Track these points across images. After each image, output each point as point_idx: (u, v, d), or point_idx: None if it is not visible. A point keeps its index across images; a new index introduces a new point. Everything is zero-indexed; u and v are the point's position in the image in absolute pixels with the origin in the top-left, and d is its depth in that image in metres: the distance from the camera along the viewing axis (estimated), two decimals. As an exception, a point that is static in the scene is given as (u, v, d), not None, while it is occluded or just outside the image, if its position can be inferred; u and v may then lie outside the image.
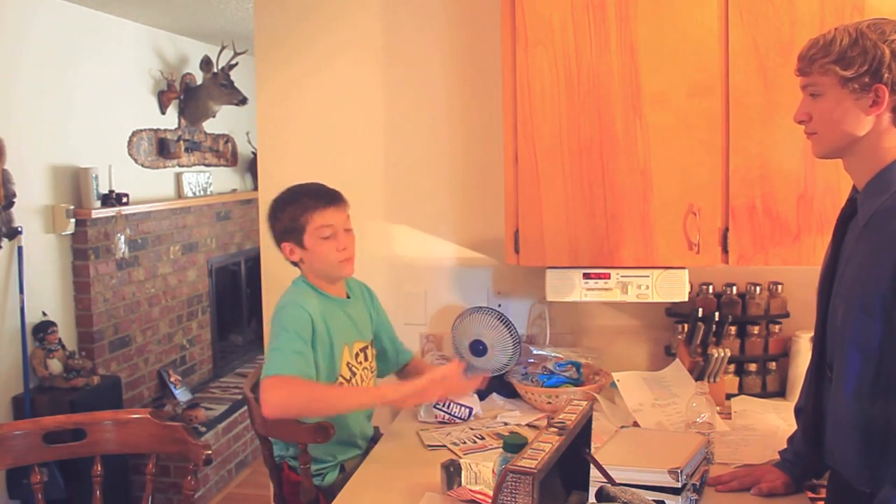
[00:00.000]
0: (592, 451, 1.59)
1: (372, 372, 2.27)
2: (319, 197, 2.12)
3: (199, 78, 5.08)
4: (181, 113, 5.05)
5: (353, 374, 2.17)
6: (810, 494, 1.79)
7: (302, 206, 2.10)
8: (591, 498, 1.48)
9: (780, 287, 2.50)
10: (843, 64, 1.43)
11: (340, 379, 2.13)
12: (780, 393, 2.47)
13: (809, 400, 1.61)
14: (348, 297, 2.24)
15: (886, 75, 1.40)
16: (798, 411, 1.77)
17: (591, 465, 1.49)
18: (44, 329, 3.76)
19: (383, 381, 2.36)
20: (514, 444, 1.55)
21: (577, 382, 2.38)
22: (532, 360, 2.50)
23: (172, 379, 4.74)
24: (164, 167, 4.88)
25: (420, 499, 1.78)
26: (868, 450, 1.44)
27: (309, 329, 2.04)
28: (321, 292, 2.15)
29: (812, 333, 2.37)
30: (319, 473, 2.16)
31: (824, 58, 1.45)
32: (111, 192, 4.19)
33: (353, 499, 1.84)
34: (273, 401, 1.91)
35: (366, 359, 2.23)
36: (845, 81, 1.43)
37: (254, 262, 5.50)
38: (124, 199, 4.25)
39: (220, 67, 4.98)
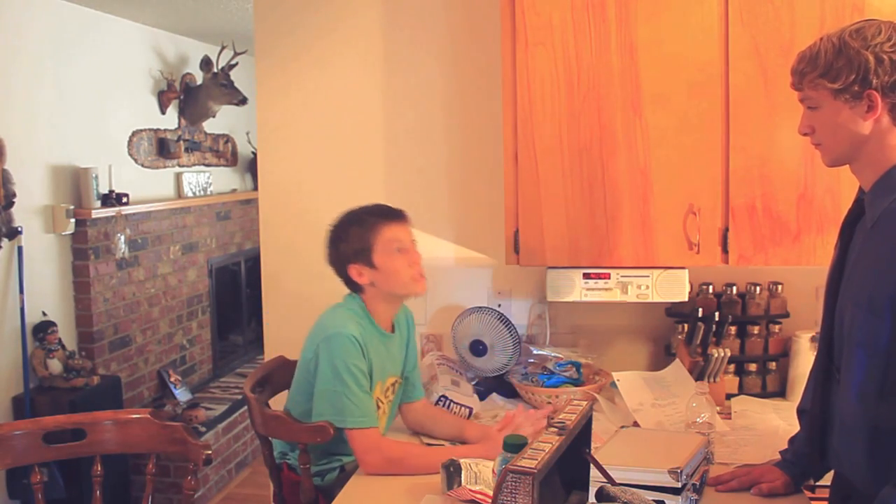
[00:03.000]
0: (592, 451, 1.58)
1: (391, 405, 2.21)
2: (383, 214, 2.09)
3: (199, 78, 5.08)
4: (181, 113, 5.05)
5: (379, 407, 2.12)
6: (809, 495, 1.78)
7: (368, 224, 2.06)
8: (591, 498, 1.48)
9: (780, 287, 2.50)
10: (830, 77, 1.43)
11: None
12: (780, 393, 2.47)
13: (816, 402, 1.60)
14: (393, 330, 2.18)
15: (875, 81, 1.40)
16: (801, 412, 1.77)
17: (591, 465, 1.49)
18: (44, 329, 3.76)
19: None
20: (514, 444, 1.54)
21: (577, 382, 2.38)
22: (532, 360, 2.50)
23: (172, 379, 4.74)
24: (164, 167, 4.88)
25: (420, 499, 1.78)
26: (875, 452, 1.43)
27: (362, 361, 2.00)
28: (371, 321, 2.09)
29: (812, 333, 2.39)
30: (320, 473, 2.16)
31: (812, 72, 1.46)
32: (111, 192, 4.19)
33: (353, 499, 1.84)
34: (372, 465, 1.96)
35: (393, 393, 2.20)
36: (836, 93, 1.44)
37: (254, 262, 5.50)
38: (124, 199, 4.25)
39: (220, 67, 4.98)
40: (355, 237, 2.06)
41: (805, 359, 2.35)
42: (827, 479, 1.69)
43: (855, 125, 1.45)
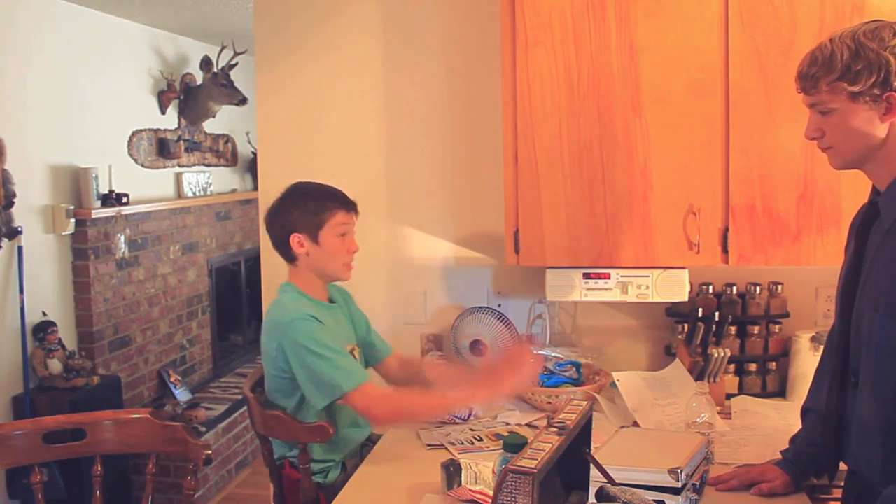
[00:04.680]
0: (592, 451, 1.58)
1: None
2: (341, 199, 2.19)
3: (199, 78, 5.08)
4: (181, 113, 5.05)
5: None
6: (821, 495, 1.78)
7: (326, 203, 2.17)
8: (591, 498, 1.48)
9: (780, 287, 2.50)
10: (849, 79, 1.40)
11: None
12: (780, 393, 2.47)
13: (830, 404, 1.59)
14: (332, 301, 2.27)
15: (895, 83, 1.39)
16: (806, 411, 1.76)
17: (591, 465, 1.49)
18: (44, 329, 3.76)
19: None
20: (514, 444, 1.54)
21: (577, 382, 2.38)
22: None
23: (172, 379, 4.74)
24: (164, 167, 4.88)
25: (420, 499, 1.78)
26: (892, 453, 1.43)
27: (326, 329, 2.08)
28: (311, 298, 2.18)
29: (812, 333, 2.39)
30: (322, 471, 2.16)
31: (828, 75, 1.42)
32: (111, 192, 4.19)
33: (353, 498, 1.85)
34: (380, 418, 2.05)
35: (357, 360, 2.25)
36: (855, 96, 1.41)
37: (254, 262, 5.50)
38: (124, 199, 4.25)
39: (220, 67, 4.98)
40: (310, 210, 2.15)
41: (805, 359, 2.35)
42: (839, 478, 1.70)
43: (871, 128, 1.43)
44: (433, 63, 2.70)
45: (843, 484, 1.68)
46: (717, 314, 2.40)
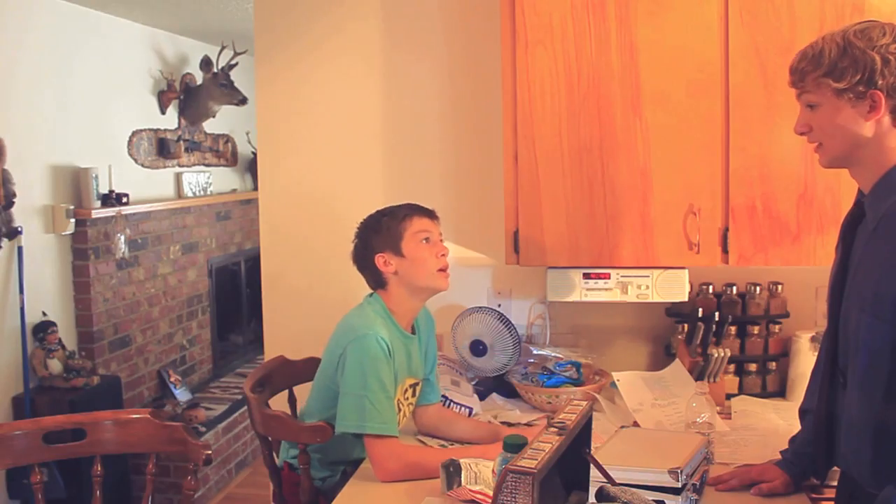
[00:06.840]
0: (592, 451, 1.58)
1: (411, 407, 2.19)
2: (414, 208, 2.11)
3: (199, 78, 5.08)
4: (181, 113, 5.05)
5: (400, 410, 2.08)
6: (813, 495, 1.78)
7: (398, 215, 2.07)
8: (591, 498, 1.48)
9: (780, 287, 2.50)
10: (834, 76, 1.43)
11: None
12: (780, 393, 2.47)
13: (821, 404, 1.60)
14: (413, 332, 2.16)
15: (880, 81, 1.40)
16: (803, 412, 1.77)
17: (591, 465, 1.49)
18: (44, 329, 3.76)
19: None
20: (514, 444, 1.54)
21: (577, 382, 2.38)
22: (532, 360, 2.50)
23: (172, 379, 4.74)
24: (164, 167, 4.88)
25: (420, 499, 1.78)
26: (881, 453, 1.43)
27: (389, 365, 1.98)
28: (393, 322, 2.06)
29: (812, 333, 2.39)
30: (321, 478, 2.15)
31: (815, 71, 1.45)
32: (111, 192, 4.19)
33: (353, 499, 1.84)
34: (390, 472, 1.91)
35: (413, 395, 2.17)
36: (840, 92, 1.43)
37: (254, 262, 5.50)
38: (124, 199, 4.25)
39: (220, 67, 4.98)
40: (386, 227, 2.06)
41: (805, 359, 2.35)
42: (832, 479, 1.69)
43: (856, 126, 1.44)
44: (433, 64, 2.70)
45: (836, 484, 1.68)
46: (717, 314, 2.40)
